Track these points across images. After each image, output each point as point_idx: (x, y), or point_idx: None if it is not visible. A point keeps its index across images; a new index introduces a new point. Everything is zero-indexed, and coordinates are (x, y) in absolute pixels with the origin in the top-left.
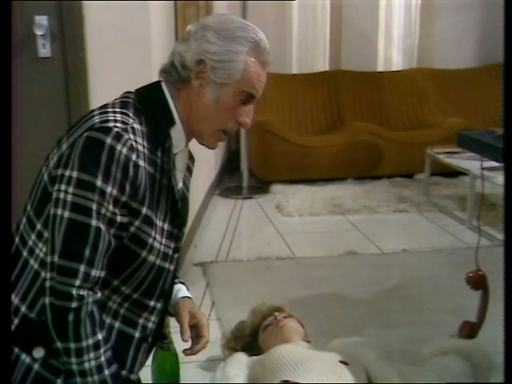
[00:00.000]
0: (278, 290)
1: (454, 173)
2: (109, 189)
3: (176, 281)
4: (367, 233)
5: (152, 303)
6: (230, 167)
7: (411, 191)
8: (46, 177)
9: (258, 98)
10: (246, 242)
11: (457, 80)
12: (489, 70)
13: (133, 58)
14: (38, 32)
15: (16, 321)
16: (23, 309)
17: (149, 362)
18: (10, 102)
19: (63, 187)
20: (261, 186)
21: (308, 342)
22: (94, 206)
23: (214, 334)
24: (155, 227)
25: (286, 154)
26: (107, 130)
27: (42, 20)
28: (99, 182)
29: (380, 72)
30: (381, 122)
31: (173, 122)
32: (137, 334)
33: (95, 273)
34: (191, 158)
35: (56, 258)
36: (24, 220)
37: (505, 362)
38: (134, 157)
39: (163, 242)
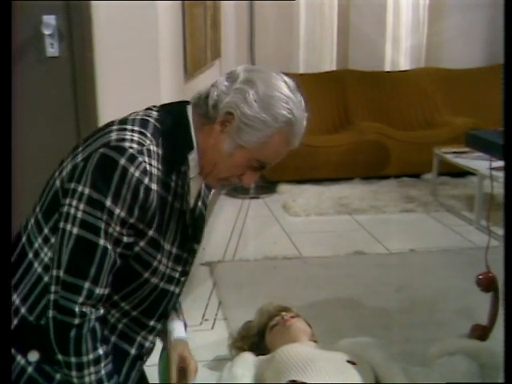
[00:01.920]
0: (284, 289)
1: (461, 173)
2: (117, 210)
3: (176, 315)
4: (374, 233)
5: (152, 323)
6: None
7: (418, 191)
8: (58, 183)
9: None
10: (252, 241)
11: (464, 80)
12: (496, 69)
13: (140, 58)
14: (46, 31)
15: (15, 321)
16: (23, 310)
17: (156, 361)
18: (10, 102)
19: (74, 203)
20: (268, 186)
21: (315, 341)
22: (103, 226)
23: (221, 333)
24: (162, 250)
25: (293, 153)
26: (122, 150)
27: (49, 19)
28: (108, 203)
29: (387, 72)
30: (388, 121)
31: (191, 147)
32: (133, 351)
33: (99, 290)
34: (208, 186)
35: (61, 273)
36: (32, 220)
37: (505, 363)
38: (146, 180)
39: (169, 266)
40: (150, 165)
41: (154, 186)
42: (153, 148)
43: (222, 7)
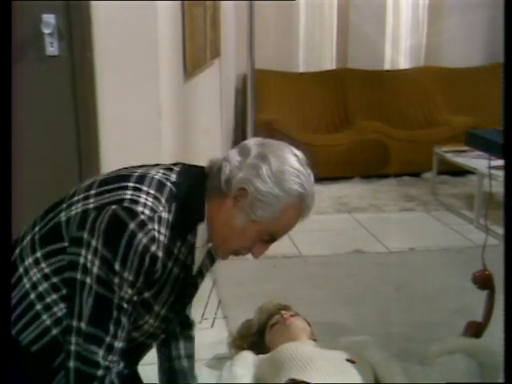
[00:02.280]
0: (284, 288)
1: (461, 172)
2: (125, 274)
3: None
4: (374, 231)
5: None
6: None
7: (418, 190)
8: (63, 218)
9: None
10: None
11: (464, 79)
12: (496, 68)
13: (140, 57)
14: (46, 30)
15: None
16: None
17: (152, 360)
18: (10, 102)
19: (90, 257)
20: None
21: (315, 340)
22: (116, 288)
23: (221, 332)
24: (151, 312)
25: None
26: (133, 215)
27: (49, 19)
28: (117, 267)
29: (387, 71)
30: (388, 120)
31: (202, 219)
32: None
33: (118, 344)
34: (212, 258)
35: (83, 326)
36: (28, 238)
37: (505, 362)
38: (153, 248)
39: (155, 325)
40: (159, 232)
41: (160, 254)
42: (164, 215)
43: (221, 7)
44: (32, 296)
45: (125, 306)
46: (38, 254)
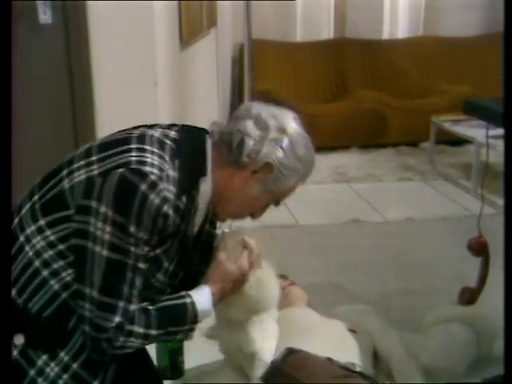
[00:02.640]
0: (281, 257)
1: (459, 141)
2: (141, 234)
3: None
4: (371, 201)
5: None
6: None
7: (416, 160)
8: (66, 186)
9: None
10: None
11: (463, 48)
12: (495, 37)
13: (135, 25)
14: None
15: None
16: (13, 292)
17: None
18: (10, 99)
19: (100, 225)
20: None
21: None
22: (132, 248)
23: None
24: (161, 268)
25: None
26: (143, 176)
27: None
28: (132, 228)
29: (385, 40)
30: (386, 90)
31: (204, 174)
32: None
33: (133, 307)
34: (211, 223)
35: (96, 294)
36: (27, 206)
37: (505, 363)
38: (165, 208)
39: (163, 281)
40: (168, 190)
41: (171, 212)
42: (170, 172)
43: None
44: (37, 263)
45: (140, 265)
46: (42, 223)
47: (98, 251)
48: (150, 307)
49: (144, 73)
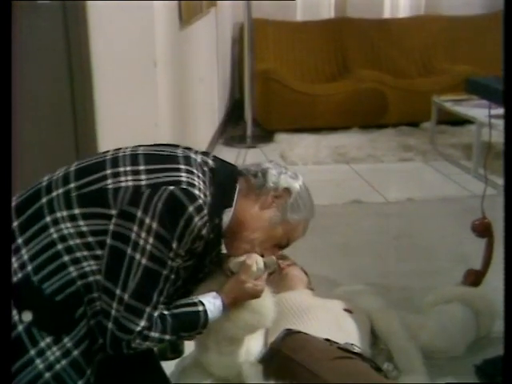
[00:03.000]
0: None
1: (460, 121)
2: (180, 251)
3: None
4: (372, 182)
5: None
6: (233, 116)
7: (417, 140)
8: (111, 185)
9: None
10: None
11: (465, 27)
12: (497, 16)
13: (135, 6)
14: None
15: (19, 275)
16: (29, 268)
17: None
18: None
19: (143, 235)
20: (265, 135)
21: (311, 289)
22: (169, 262)
23: None
24: (177, 283)
25: (291, 102)
26: (193, 198)
27: None
28: (174, 245)
29: (386, 19)
30: (387, 69)
31: (230, 205)
32: None
33: (157, 314)
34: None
35: (126, 297)
36: (61, 191)
37: (504, 343)
38: (204, 232)
39: (170, 292)
40: (207, 216)
41: (205, 236)
42: (208, 199)
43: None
44: (59, 247)
45: (172, 276)
46: (76, 212)
47: (137, 258)
48: (166, 312)
49: (143, 52)
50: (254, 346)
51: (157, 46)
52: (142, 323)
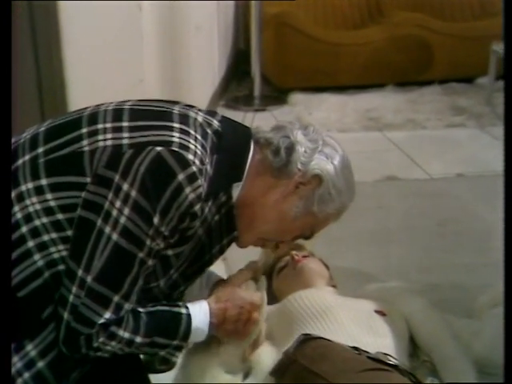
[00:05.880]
0: None
1: None
2: (162, 228)
3: None
4: (412, 153)
5: None
6: (237, 71)
7: (470, 100)
8: (86, 146)
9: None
10: None
11: None
12: None
13: None
14: None
15: None
16: None
17: None
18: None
19: (118, 204)
20: (276, 96)
21: (334, 286)
22: (148, 241)
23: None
24: (167, 274)
25: (309, 53)
26: (185, 163)
27: None
28: (156, 220)
29: None
30: (431, 10)
31: (239, 179)
32: None
33: (128, 306)
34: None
35: (89, 279)
36: (27, 158)
37: (505, 363)
38: (196, 207)
39: (162, 288)
40: (203, 188)
41: (200, 213)
42: (208, 168)
43: None
44: (23, 229)
45: (149, 262)
46: (43, 182)
47: (107, 232)
48: (141, 309)
49: (128, 27)
50: (264, 355)
51: (143, 21)
52: (107, 315)
